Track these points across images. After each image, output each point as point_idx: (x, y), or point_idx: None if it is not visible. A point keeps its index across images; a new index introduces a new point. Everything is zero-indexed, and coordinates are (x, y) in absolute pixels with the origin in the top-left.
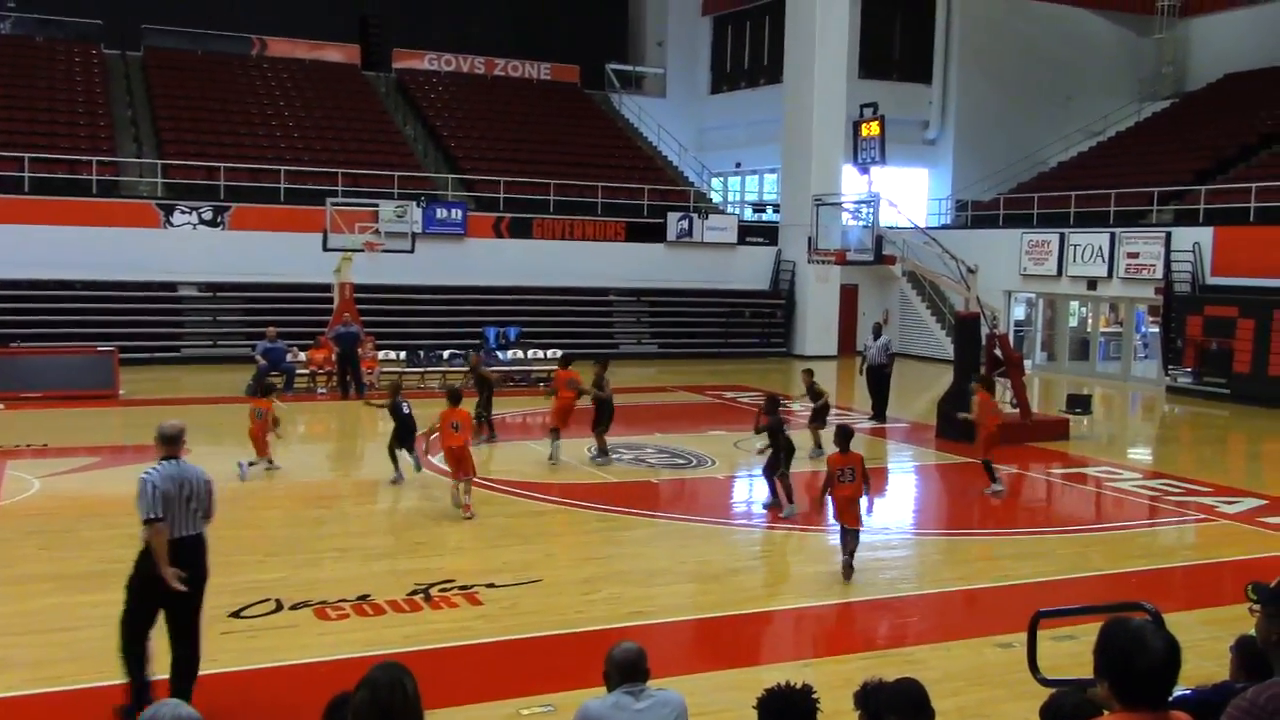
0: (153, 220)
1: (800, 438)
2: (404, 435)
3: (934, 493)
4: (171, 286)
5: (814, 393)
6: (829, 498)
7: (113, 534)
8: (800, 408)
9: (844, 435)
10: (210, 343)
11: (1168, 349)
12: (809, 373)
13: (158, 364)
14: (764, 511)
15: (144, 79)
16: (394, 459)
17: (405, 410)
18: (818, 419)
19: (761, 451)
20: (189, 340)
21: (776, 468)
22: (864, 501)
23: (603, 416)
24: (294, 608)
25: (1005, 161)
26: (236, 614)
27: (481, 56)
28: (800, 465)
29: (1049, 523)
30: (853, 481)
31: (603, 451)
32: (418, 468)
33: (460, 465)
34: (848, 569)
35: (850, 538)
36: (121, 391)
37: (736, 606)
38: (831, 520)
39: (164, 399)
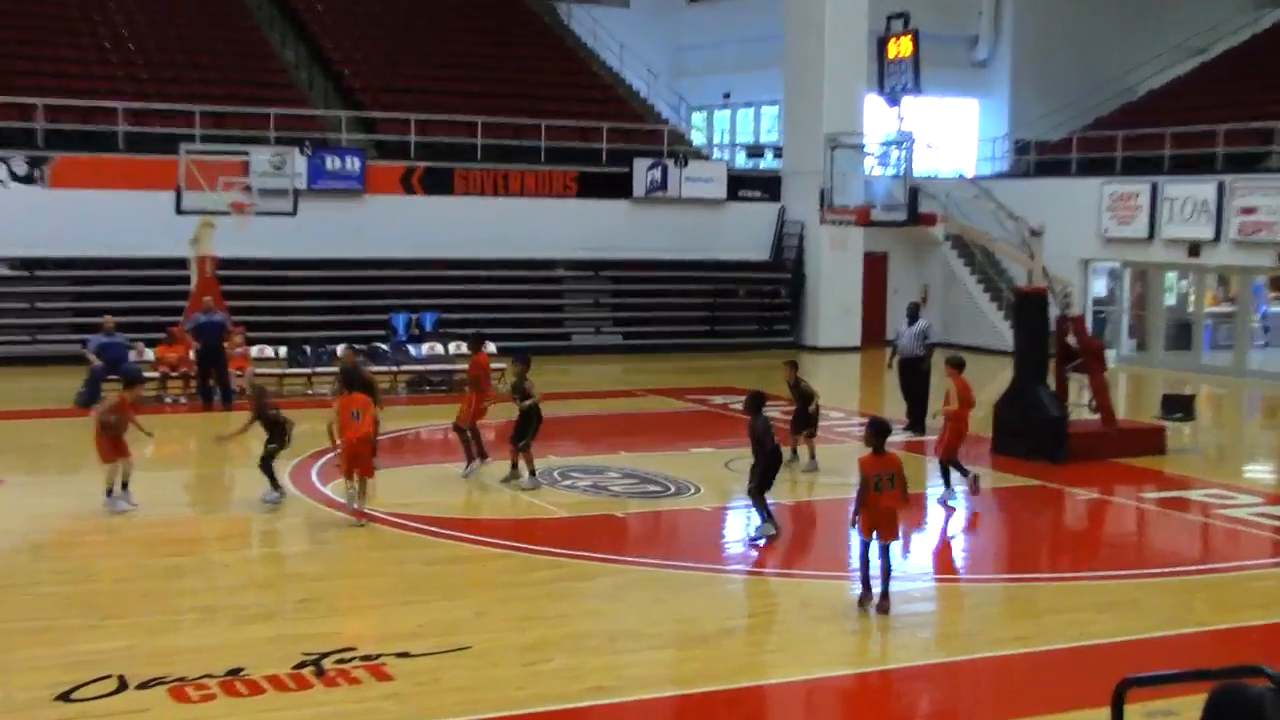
0: None
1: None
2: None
3: (991, 525)
4: None
5: (799, 392)
6: (859, 513)
7: None
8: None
9: (879, 431)
10: (27, 338)
11: None
12: (793, 365)
13: None
14: (755, 548)
15: None
16: (271, 474)
17: (276, 414)
18: (808, 425)
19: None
20: None
21: (754, 479)
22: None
23: (526, 428)
24: (143, 686)
25: (1079, 90)
26: (66, 696)
27: None
28: (785, 489)
29: (1140, 563)
30: (893, 490)
31: (531, 472)
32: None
33: (357, 462)
34: (884, 600)
35: (885, 559)
36: None
37: (728, 678)
38: (855, 555)
39: None
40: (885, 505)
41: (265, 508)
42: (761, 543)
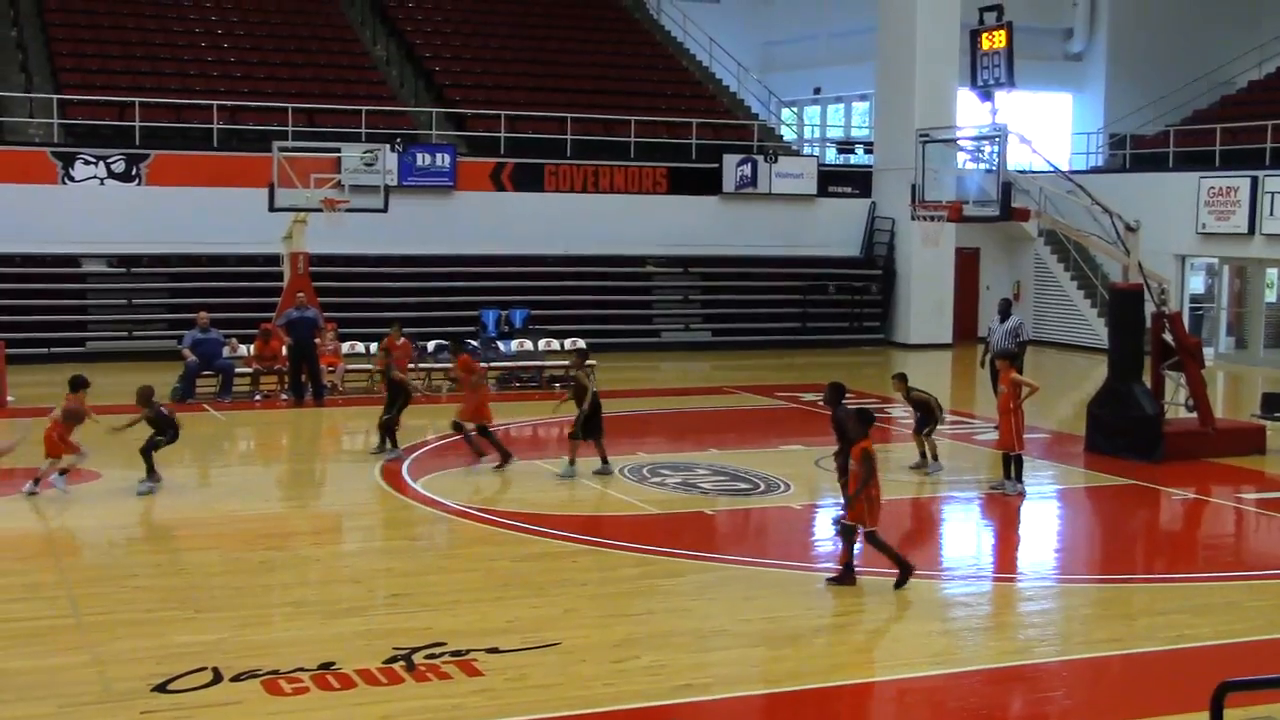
0: (48, 174)
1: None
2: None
3: (1084, 525)
4: (73, 260)
5: (914, 402)
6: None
7: None
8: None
9: (871, 420)
10: (124, 333)
11: None
12: (901, 379)
13: (56, 361)
14: (834, 529)
15: None
16: (150, 461)
17: (165, 412)
18: (928, 424)
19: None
20: (96, 330)
21: (845, 471)
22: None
23: (592, 424)
24: (237, 679)
25: (1177, 82)
26: (162, 687)
27: None
28: (901, 486)
29: (1239, 566)
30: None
31: (570, 461)
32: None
33: None
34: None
35: (878, 542)
36: (10, 398)
37: (819, 677)
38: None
39: None
40: (878, 491)
41: (358, 502)
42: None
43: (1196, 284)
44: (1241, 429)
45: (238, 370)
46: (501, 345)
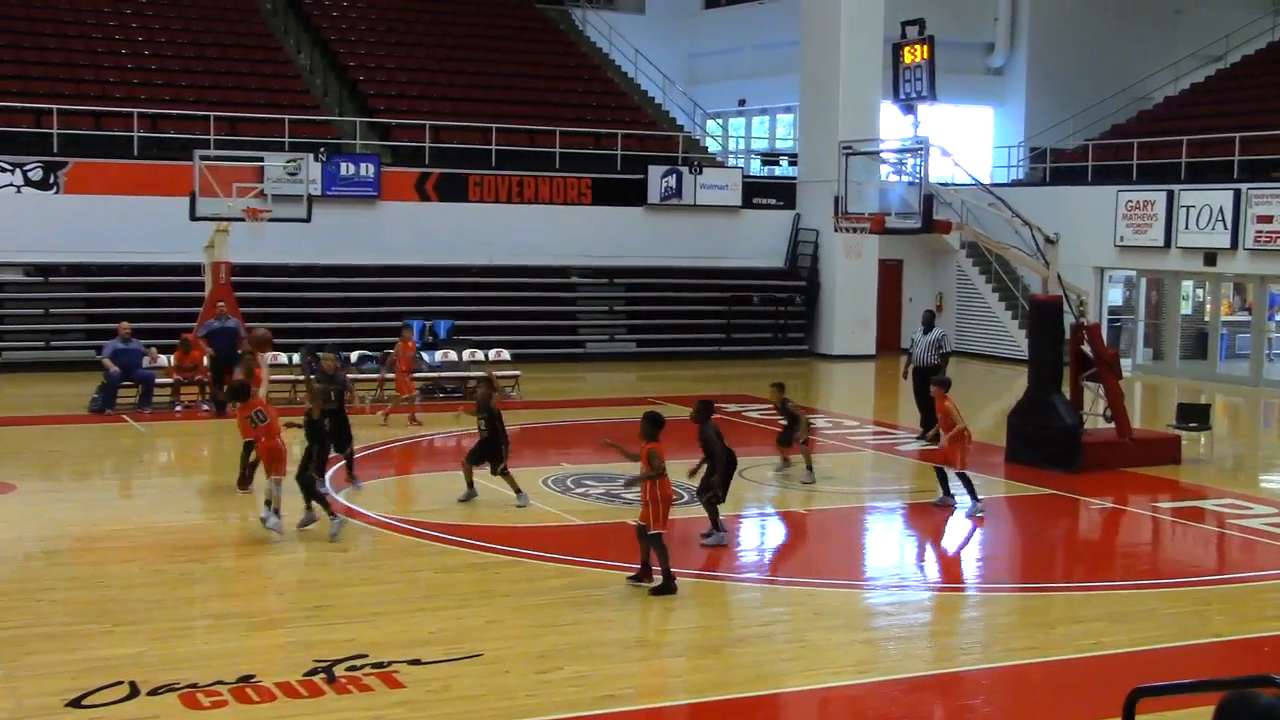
0: None
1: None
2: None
3: (1003, 534)
4: None
5: (785, 412)
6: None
7: None
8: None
9: (660, 423)
10: (41, 343)
11: None
12: (779, 388)
13: None
14: (706, 547)
15: None
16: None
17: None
18: (793, 435)
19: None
20: (12, 340)
21: (708, 489)
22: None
23: (499, 449)
24: (154, 693)
25: (1095, 97)
26: (77, 702)
27: None
28: (797, 498)
29: (1155, 574)
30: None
31: (517, 490)
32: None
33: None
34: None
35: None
36: None
37: (741, 687)
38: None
39: None
40: (669, 492)
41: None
42: (711, 542)
43: (1115, 296)
44: (1158, 439)
45: (158, 381)
46: (426, 356)
